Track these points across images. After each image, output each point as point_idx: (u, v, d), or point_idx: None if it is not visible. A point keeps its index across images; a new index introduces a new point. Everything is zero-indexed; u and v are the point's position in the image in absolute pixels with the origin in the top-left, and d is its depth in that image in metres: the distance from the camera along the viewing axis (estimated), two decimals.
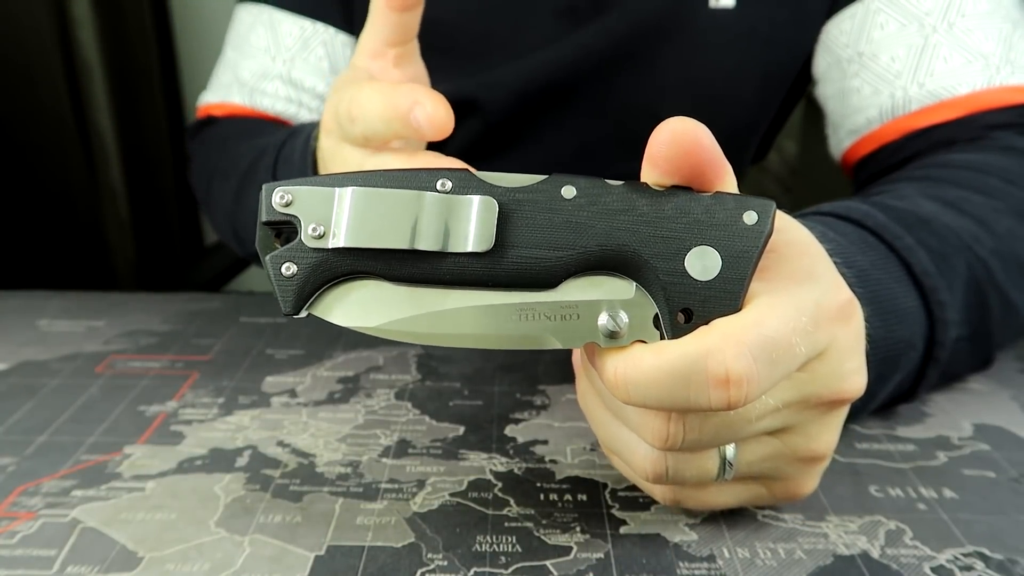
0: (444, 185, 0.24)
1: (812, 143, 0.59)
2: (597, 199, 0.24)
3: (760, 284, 0.25)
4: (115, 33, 1.11)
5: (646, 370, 0.24)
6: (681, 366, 0.23)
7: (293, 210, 0.24)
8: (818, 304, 0.25)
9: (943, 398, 0.41)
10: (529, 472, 0.34)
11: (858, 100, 0.52)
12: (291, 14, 0.59)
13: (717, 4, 0.53)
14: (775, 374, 0.24)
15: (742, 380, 0.23)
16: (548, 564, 0.29)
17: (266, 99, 0.60)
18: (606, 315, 0.25)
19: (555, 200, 0.24)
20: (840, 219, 0.38)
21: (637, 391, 0.24)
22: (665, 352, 0.24)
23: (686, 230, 0.24)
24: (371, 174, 0.24)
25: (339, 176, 0.25)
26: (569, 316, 0.25)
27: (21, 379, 0.43)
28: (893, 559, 0.29)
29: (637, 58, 0.54)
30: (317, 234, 0.24)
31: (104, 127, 1.08)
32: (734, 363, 0.23)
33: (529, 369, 0.44)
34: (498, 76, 0.55)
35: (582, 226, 0.24)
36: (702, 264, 0.24)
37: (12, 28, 1.02)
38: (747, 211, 0.24)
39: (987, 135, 0.47)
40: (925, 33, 0.49)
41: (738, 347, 0.23)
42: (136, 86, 1.13)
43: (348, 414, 0.39)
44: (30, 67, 1.04)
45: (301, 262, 0.24)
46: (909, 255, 0.36)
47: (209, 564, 0.29)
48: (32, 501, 0.32)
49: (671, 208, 0.24)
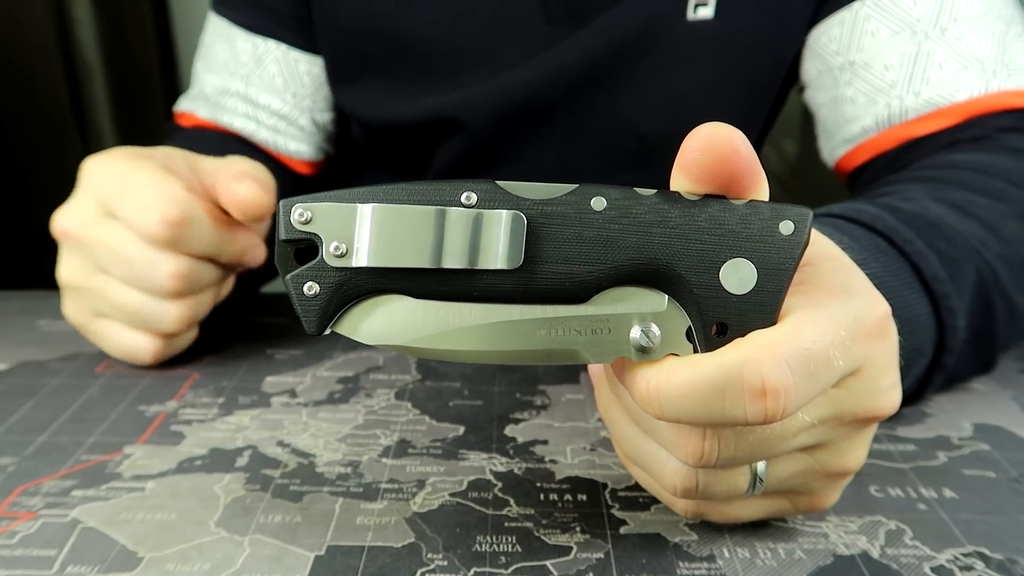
0: (469, 199, 0.23)
1: (812, 143, 0.59)
2: (628, 211, 0.23)
3: (796, 297, 0.24)
4: (115, 33, 1.10)
5: (680, 383, 0.23)
6: (716, 378, 0.23)
7: (313, 228, 0.23)
8: (856, 319, 0.24)
9: (943, 398, 0.41)
10: (529, 472, 0.34)
11: (853, 109, 0.51)
12: (244, 31, 0.59)
13: (695, 16, 0.52)
14: (813, 388, 0.23)
15: (779, 392, 0.22)
16: (548, 564, 0.29)
17: (226, 115, 0.60)
18: (638, 329, 0.24)
19: (585, 212, 0.23)
20: (850, 222, 0.37)
21: (671, 405, 0.23)
22: (700, 365, 0.23)
23: (720, 242, 0.23)
24: (393, 189, 0.23)
25: (360, 191, 0.24)
26: (600, 330, 0.24)
27: (21, 379, 0.43)
28: (893, 559, 0.29)
29: (616, 74, 0.54)
30: (339, 253, 0.23)
31: (104, 127, 1.08)
32: (771, 374, 0.22)
33: (529, 369, 0.44)
34: (475, 95, 0.55)
35: (613, 240, 0.23)
36: (737, 277, 0.23)
37: (12, 28, 1.02)
38: (783, 221, 0.23)
39: (992, 136, 0.47)
40: (918, 40, 0.49)
41: (775, 358, 0.22)
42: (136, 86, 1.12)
43: (348, 414, 0.39)
44: (30, 67, 1.04)
45: (324, 282, 0.24)
46: (920, 260, 0.36)
47: (209, 564, 0.29)
48: (32, 501, 0.32)
49: (705, 219, 0.23)
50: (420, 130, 0.58)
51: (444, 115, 0.56)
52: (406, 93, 0.57)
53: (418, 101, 0.57)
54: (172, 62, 1.22)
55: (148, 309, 0.40)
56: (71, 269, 0.41)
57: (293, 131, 0.61)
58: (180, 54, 1.23)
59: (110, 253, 0.39)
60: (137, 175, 0.39)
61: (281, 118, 0.60)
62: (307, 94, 0.60)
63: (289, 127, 0.60)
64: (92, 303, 0.41)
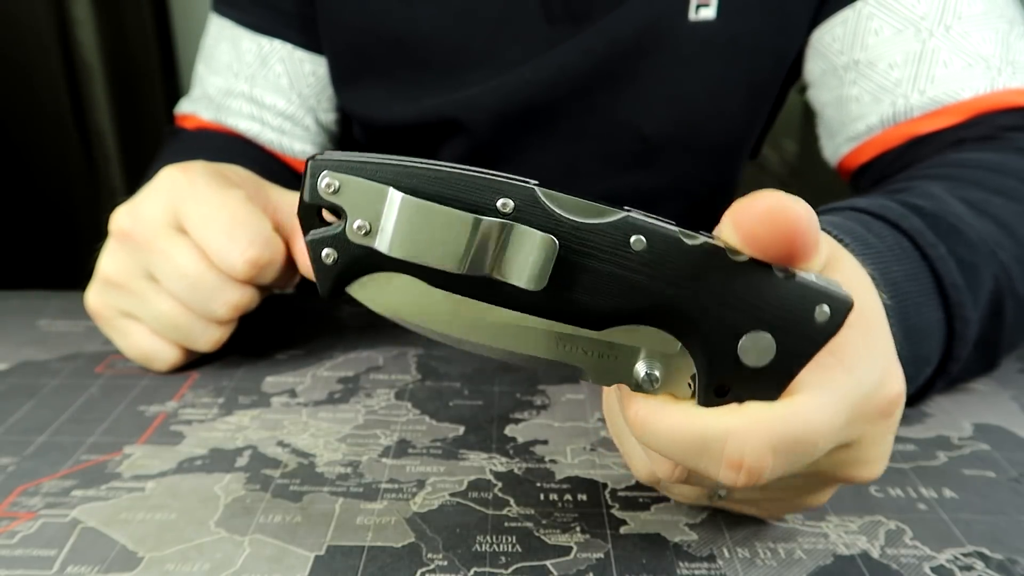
0: (505, 205, 0.22)
1: (812, 143, 0.59)
2: (667, 260, 0.22)
3: (810, 370, 0.23)
4: (115, 33, 1.11)
5: (666, 426, 0.23)
6: (701, 436, 0.23)
7: (339, 200, 0.22)
8: (865, 396, 0.24)
9: (943, 398, 0.41)
10: (529, 472, 0.34)
11: (857, 108, 0.51)
12: (248, 31, 0.59)
13: (697, 16, 0.52)
14: (792, 467, 0.23)
15: (755, 470, 0.22)
16: (548, 564, 0.29)
17: (231, 117, 0.60)
18: (643, 365, 0.24)
19: (621, 249, 0.22)
20: (877, 218, 0.37)
21: (653, 439, 0.24)
22: (689, 417, 0.23)
23: (751, 313, 0.22)
24: (428, 174, 0.22)
25: (392, 166, 0.22)
26: (607, 356, 0.24)
27: (21, 379, 0.43)
28: (893, 559, 0.29)
29: (617, 75, 0.54)
30: (363, 231, 0.22)
31: (104, 127, 1.08)
32: (752, 454, 0.22)
33: (529, 369, 0.44)
34: (477, 95, 0.55)
35: (645, 286, 0.22)
36: (756, 351, 0.23)
37: (12, 28, 1.02)
38: (821, 304, 0.22)
39: (1000, 135, 0.47)
40: (922, 38, 0.49)
41: (761, 439, 0.22)
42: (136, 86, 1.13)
43: (348, 414, 0.39)
44: (30, 67, 1.04)
45: (342, 252, 0.23)
46: (941, 265, 0.35)
47: (209, 564, 0.29)
48: (32, 501, 0.32)
49: (741, 286, 0.22)
50: (422, 131, 0.58)
51: (446, 116, 0.56)
52: (408, 93, 0.57)
53: (420, 102, 0.57)
54: (172, 62, 1.22)
55: (191, 327, 0.40)
56: (117, 265, 0.40)
57: (298, 132, 0.61)
58: (180, 54, 1.23)
59: (171, 267, 0.39)
60: (228, 204, 0.39)
61: (286, 118, 0.60)
62: (312, 94, 0.60)
63: (294, 128, 0.60)
64: (126, 303, 0.41)
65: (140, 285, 0.40)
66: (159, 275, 0.39)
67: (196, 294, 0.39)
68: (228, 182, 0.41)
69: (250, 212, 0.39)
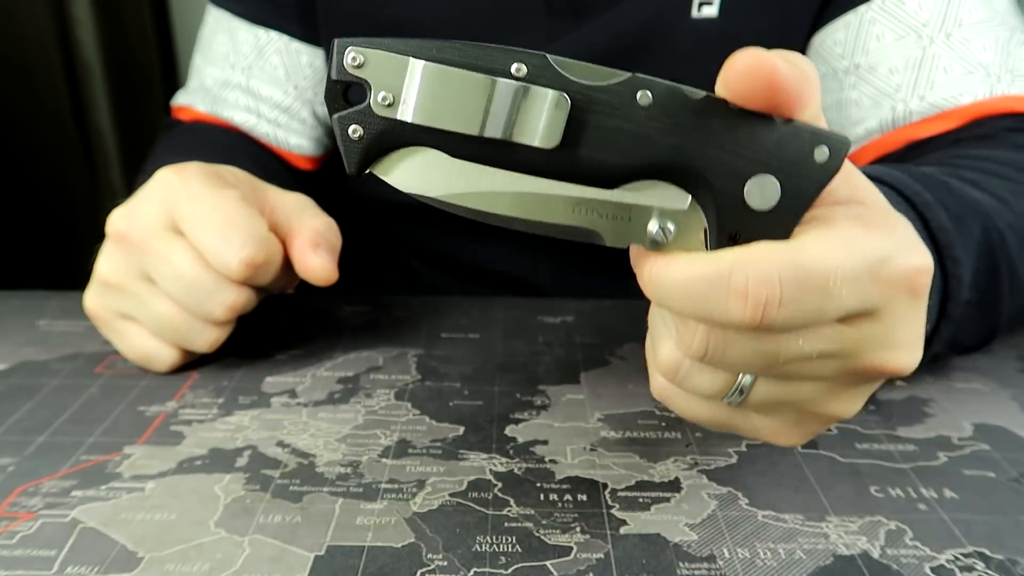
0: (519, 70, 0.23)
1: None
2: (672, 112, 0.24)
3: (821, 224, 0.24)
4: (115, 33, 1.11)
5: (674, 275, 0.24)
6: (708, 274, 0.23)
7: (363, 73, 0.24)
8: (886, 258, 0.24)
9: (943, 398, 0.41)
10: (529, 472, 0.34)
11: (857, 112, 0.52)
12: (245, 22, 0.59)
13: (699, 14, 0.52)
14: (803, 305, 0.23)
15: (761, 298, 0.22)
16: (548, 564, 0.29)
17: (227, 109, 0.60)
18: (656, 223, 0.25)
19: (629, 105, 0.24)
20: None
21: (663, 294, 0.24)
22: (697, 260, 0.24)
23: (753, 157, 0.24)
24: (446, 46, 0.23)
25: (414, 43, 0.24)
26: (620, 217, 0.25)
27: (21, 379, 0.43)
28: (893, 559, 0.29)
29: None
30: (386, 103, 0.24)
31: (104, 127, 1.08)
32: (756, 279, 0.22)
33: (529, 369, 0.44)
34: None
35: (651, 137, 0.24)
36: (761, 194, 0.24)
37: (12, 28, 1.02)
38: (819, 146, 0.23)
39: (997, 134, 0.47)
40: (923, 44, 0.49)
41: (766, 266, 0.23)
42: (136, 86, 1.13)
43: (348, 414, 0.39)
44: (30, 67, 1.04)
45: (368, 127, 0.24)
46: (927, 210, 0.35)
47: (209, 564, 0.29)
48: (32, 501, 0.32)
49: (744, 132, 0.24)
50: None
51: None
52: None
53: None
54: (172, 62, 1.22)
55: (188, 328, 0.40)
56: (114, 268, 0.41)
57: (294, 124, 0.61)
58: (180, 54, 1.23)
59: (168, 268, 0.39)
60: (223, 205, 0.39)
61: (283, 111, 0.60)
62: (309, 86, 0.60)
63: (290, 120, 0.60)
64: (124, 304, 0.41)
65: (137, 287, 0.40)
66: (156, 277, 0.39)
67: (192, 295, 0.39)
68: (223, 183, 0.41)
69: (245, 213, 0.39)
